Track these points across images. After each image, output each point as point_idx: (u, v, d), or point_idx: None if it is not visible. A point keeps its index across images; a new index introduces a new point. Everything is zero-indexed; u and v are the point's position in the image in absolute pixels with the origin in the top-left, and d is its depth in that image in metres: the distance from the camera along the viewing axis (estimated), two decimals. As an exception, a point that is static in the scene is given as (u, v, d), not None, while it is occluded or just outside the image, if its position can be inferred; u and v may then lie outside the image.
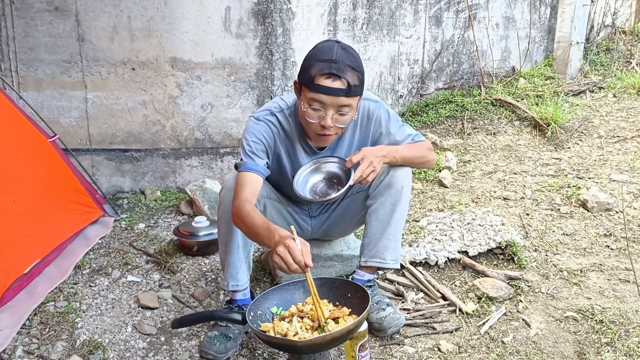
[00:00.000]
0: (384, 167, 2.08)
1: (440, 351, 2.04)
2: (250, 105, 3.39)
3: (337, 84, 1.84)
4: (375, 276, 2.26)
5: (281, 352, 2.04)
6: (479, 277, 2.46)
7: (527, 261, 2.54)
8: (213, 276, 2.60)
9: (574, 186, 3.18)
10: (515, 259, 2.55)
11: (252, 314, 1.85)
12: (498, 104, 4.26)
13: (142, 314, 2.31)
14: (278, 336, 1.74)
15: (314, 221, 2.35)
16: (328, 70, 1.83)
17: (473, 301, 2.33)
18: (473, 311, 2.26)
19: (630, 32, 5.35)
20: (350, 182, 1.97)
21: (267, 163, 2.03)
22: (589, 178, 3.32)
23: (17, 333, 2.10)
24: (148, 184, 3.48)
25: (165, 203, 3.35)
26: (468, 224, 2.78)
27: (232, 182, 2.01)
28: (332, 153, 2.13)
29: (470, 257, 2.56)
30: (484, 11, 4.47)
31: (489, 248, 2.60)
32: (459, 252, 2.58)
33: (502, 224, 2.76)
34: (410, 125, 4.08)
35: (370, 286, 2.16)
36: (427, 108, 4.26)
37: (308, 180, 2.09)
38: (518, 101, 4.25)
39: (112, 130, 3.39)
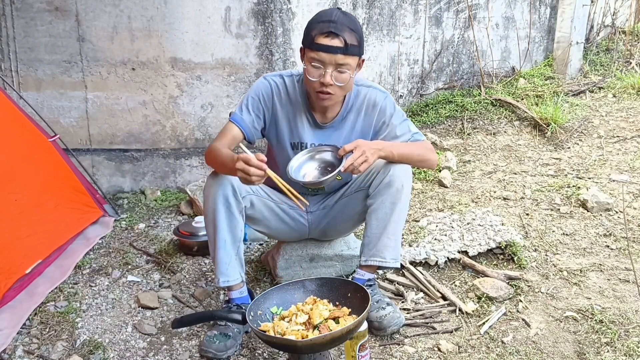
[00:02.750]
0: (381, 163, 2.10)
1: (440, 351, 2.04)
2: (250, 105, 3.39)
3: (335, 42, 1.93)
4: (375, 275, 2.26)
5: (281, 352, 2.04)
6: (478, 277, 2.46)
7: (527, 261, 2.54)
8: (213, 276, 2.60)
9: (573, 186, 3.18)
10: (515, 258, 2.55)
11: (252, 313, 1.85)
12: (498, 104, 4.27)
13: (142, 314, 2.31)
14: (278, 336, 1.74)
15: (311, 217, 2.35)
16: (327, 30, 1.93)
17: (473, 301, 2.33)
18: (473, 311, 2.26)
19: (630, 32, 5.35)
20: (340, 169, 1.95)
21: (256, 121, 2.13)
22: (589, 178, 3.32)
23: (18, 333, 2.11)
24: (148, 184, 3.49)
25: (165, 203, 3.35)
26: (468, 224, 2.78)
27: (214, 181, 2.05)
28: (335, 132, 2.16)
29: (470, 257, 2.56)
30: (484, 11, 4.47)
31: (489, 248, 2.60)
32: (458, 252, 2.59)
33: (502, 224, 2.76)
34: (410, 125, 4.09)
35: (370, 285, 2.16)
36: (427, 108, 4.26)
37: (302, 167, 2.09)
38: (518, 101, 4.25)
39: (112, 130, 3.39)
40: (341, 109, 2.16)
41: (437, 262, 2.55)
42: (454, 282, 2.47)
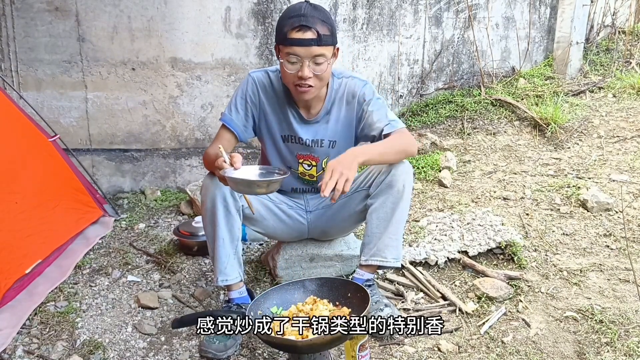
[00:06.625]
0: (384, 166, 2.10)
1: (440, 351, 2.04)
2: (250, 105, 3.39)
3: (308, 35, 1.94)
4: (375, 276, 2.26)
5: (281, 352, 2.04)
6: (478, 277, 2.46)
7: (527, 261, 2.54)
8: (213, 276, 2.60)
9: (573, 186, 3.18)
10: (515, 258, 2.55)
11: (252, 314, 1.85)
12: (498, 104, 4.27)
13: (142, 314, 2.31)
14: (278, 336, 1.74)
15: (310, 216, 2.35)
16: (298, 24, 1.93)
17: (473, 301, 2.33)
18: (473, 311, 2.26)
19: (630, 32, 5.36)
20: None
21: (246, 119, 2.17)
22: (589, 178, 3.32)
23: (18, 333, 2.11)
24: (148, 184, 3.49)
25: (165, 203, 3.35)
26: (468, 224, 2.78)
27: (211, 181, 2.05)
28: (321, 126, 2.18)
29: (470, 257, 2.56)
30: (484, 11, 4.47)
31: (489, 248, 2.60)
32: (459, 252, 2.58)
33: (502, 224, 2.76)
34: (410, 125, 4.10)
35: (369, 285, 2.15)
36: (427, 108, 4.27)
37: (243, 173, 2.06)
38: (518, 101, 4.25)
39: (112, 130, 3.39)
40: (324, 102, 2.16)
41: (437, 262, 2.55)
42: (454, 282, 2.47)
